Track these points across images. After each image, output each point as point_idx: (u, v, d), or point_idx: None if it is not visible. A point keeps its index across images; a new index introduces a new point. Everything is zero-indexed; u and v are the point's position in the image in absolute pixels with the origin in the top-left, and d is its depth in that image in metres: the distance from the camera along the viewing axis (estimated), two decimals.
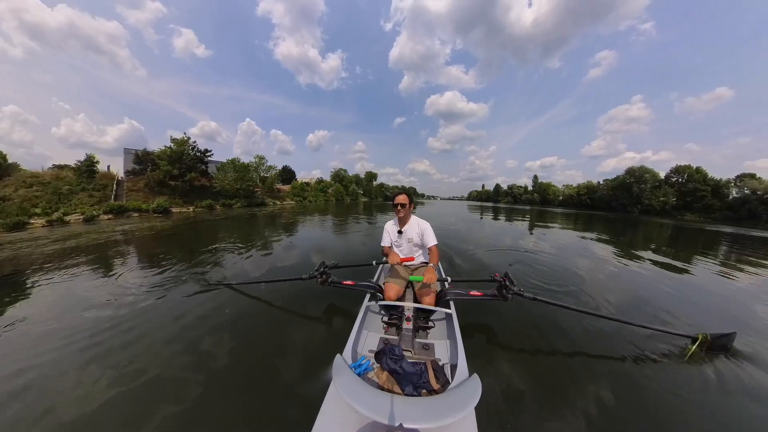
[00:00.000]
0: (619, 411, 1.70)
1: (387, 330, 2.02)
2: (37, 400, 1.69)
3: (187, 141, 21.90)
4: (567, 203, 52.46)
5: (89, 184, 16.85)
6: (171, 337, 2.38)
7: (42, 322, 2.69)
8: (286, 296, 3.21)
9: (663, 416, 1.69)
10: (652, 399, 1.83)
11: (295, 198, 34.22)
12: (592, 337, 2.53)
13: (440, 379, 1.47)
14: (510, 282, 2.22)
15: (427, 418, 1.00)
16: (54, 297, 3.37)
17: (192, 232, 9.25)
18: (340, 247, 6.76)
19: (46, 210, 12.85)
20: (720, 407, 1.78)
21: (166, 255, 5.49)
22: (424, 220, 2.66)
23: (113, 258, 5.31)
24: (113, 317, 2.75)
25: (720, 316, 3.27)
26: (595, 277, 4.55)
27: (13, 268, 4.56)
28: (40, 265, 4.69)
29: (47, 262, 4.95)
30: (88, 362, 2.04)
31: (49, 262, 4.94)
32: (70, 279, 4.00)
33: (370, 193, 62.38)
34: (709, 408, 1.78)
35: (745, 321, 3.11)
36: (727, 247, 9.21)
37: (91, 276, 4.15)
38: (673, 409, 1.74)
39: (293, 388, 1.78)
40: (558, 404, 1.73)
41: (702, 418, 1.70)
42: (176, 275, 4.12)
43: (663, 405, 1.78)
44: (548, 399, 1.77)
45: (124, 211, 15.20)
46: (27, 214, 11.93)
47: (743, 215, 29.64)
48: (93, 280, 3.94)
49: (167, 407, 1.64)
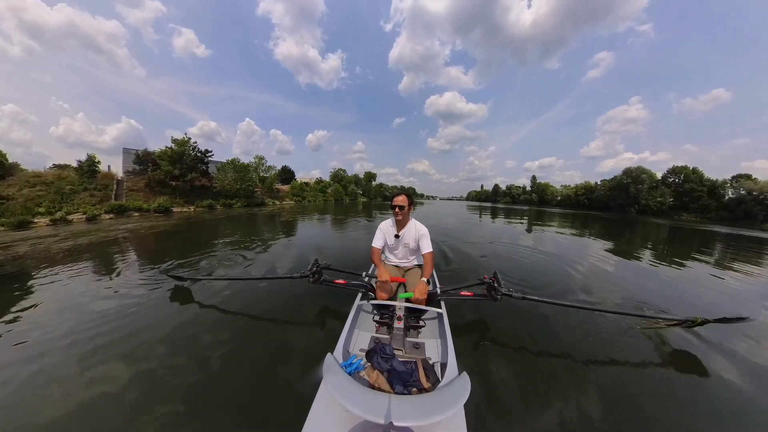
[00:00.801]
0: (605, 406, 1.72)
1: (378, 329, 2.02)
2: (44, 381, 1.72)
3: (187, 141, 21.89)
4: (565, 203, 52.50)
5: (91, 183, 16.86)
6: (163, 335, 2.39)
7: (54, 310, 2.86)
8: (278, 295, 3.21)
9: (649, 407, 1.72)
10: (638, 392, 1.87)
11: (295, 198, 34.18)
12: (580, 332, 2.58)
13: (430, 377, 1.48)
14: (498, 283, 2.24)
15: (417, 416, 1.01)
16: (64, 289, 3.54)
17: (193, 231, 9.27)
18: (335, 246, 6.77)
19: (49, 209, 12.94)
20: (708, 399, 1.80)
21: (166, 252, 5.61)
22: (422, 225, 2.51)
23: (118, 254, 5.39)
24: (114, 310, 2.82)
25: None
26: (585, 274, 4.67)
27: (37, 262, 4.83)
28: (58, 260, 4.92)
29: (65, 256, 5.27)
30: (85, 354, 2.08)
31: (66, 256, 5.25)
32: (79, 274, 4.14)
33: (369, 193, 62.34)
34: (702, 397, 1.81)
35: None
36: (719, 247, 9.25)
37: (97, 271, 4.31)
38: (659, 401, 1.77)
39: (283, 387, 1.78)
40: (545, 401, 1.75)
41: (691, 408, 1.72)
42: (174, 270, 4.13)
43: (650, 394, 1.82)
44: (536, 396, 1.79)
45: (125, 210, 15.23)
46: (31, 213, 12.02)
47: (739, 215, 29.71)
48: (97, 275, 4.06)
49: (157, 407, 1.63)
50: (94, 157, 17.94)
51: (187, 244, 7.11)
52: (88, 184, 16.67)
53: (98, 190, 16.75)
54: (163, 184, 20.27)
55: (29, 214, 11.81)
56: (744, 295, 4.03)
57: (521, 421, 1.60)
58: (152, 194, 19.17)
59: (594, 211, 37.11)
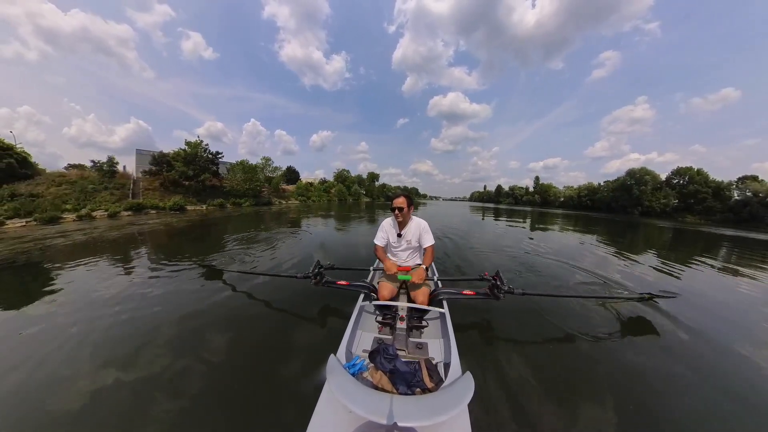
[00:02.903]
0: (616, 403, 1.68)
1: (381, 330, 1.98)
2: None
3: (200, 144, 22.48)
4: (567, 205, 51.68)
5: (110, 183, 17.42)
6: (169, 332, 2.39)
7: (87, 290, 3.34)
8: (281, 295, 3.17)
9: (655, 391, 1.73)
10: (639, 380, 1.89)
11: (299, 198, 34.55)
12: (584, 326, 2.58)
13: (434, 377, 1.45)
14: (500, 281, 2.19)
15: (421, 417, 0.99)
16: (98, 274, 4.01)
17: (206, 227, 9.52)
18: (337, 246, 6.75)
19: (75, 206, 13.68)
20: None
21: (184, 246, 6.19)
22: (423, 220, 2.52)
23: (135, 247, 5.68)
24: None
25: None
26: (578, 268, 4.89)
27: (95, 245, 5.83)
28: (107, 246, 5.73)
29: (112, 243, 6.32)
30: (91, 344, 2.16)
31: (112, 244, 6.25)
32: (117, 262, 4.72)
33: (372, 193, 62.52)
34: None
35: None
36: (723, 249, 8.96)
37: (120, 261, 4.74)
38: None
39: (287, 388, 1.75)
40: (551, 399, 1.71)
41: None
42: (188, 263, 4.54)
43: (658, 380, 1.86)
44: (541, 394, 1.74)
45: (143, 208, 15.71)
46: (59, 210, 12.69)
47: (744, 217, 28.80)
48: (115, 266, 4.41)
49: (161, 404, 1.61)
50: (114, 159, 18.68)
51: (200, 238, 7.46)
52: (108, 184, 17.22)
53: (116, 189, 17.27)
54: (176, 184, 20.78)
55: (58, 210, 12.48)
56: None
57: (527, 421, 1.55)
58: (167, 193, 19.64)
59: (596, 213, 36.41)
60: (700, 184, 34.36)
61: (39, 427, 1.48)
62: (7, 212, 11.19)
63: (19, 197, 13.09)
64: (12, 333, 2.34)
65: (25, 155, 15.38)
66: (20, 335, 2.30)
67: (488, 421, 1.54)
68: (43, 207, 12.64)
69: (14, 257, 4.96)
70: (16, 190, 13.51)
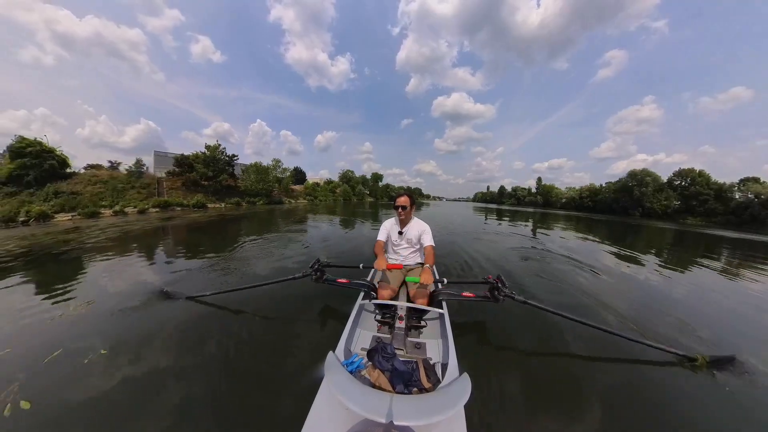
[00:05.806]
0: (604, 417, 1.59)
1: (380, 328, 1.94)
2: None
3: (218, 147, 23.36)
4: (569, 206, 50.36)
5: (137, 182, 18.18)
6: (172, 331, 2.31)
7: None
8: (280, 293, 3.04)
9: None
10: (640, 410, 1.68)
11: (307, 197, 35.01)
12: (582, 344, 2.31)
13: (431, 377, 1.41)
14: (502, 284, 2.11)
15: (417, 416, 0.96)
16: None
17: (223, 224, 9.67)
18: (341, 243, 6.66)
19: (111, 203, 14.70)
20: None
21: (205, 245, 6.19)
22: (424, 222, 2.49)
23: (154, 243, 5.85)
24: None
25: (723, 332, 2.77)
26: (590, 285, 4.03)
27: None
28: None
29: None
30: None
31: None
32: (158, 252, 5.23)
33: (375, 193, 62.37)
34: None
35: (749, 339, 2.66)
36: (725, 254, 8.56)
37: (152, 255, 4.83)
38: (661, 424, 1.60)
39: (285, 384, 1.70)
40: (544, 405, 1.65)
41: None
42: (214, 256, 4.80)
43: (653, 418, 1.63)
44: (535, 399, 1.68)
45: (168, 205, 16.43)
46: (97, 206, 13.80)
47: (745, 219, 27.53)
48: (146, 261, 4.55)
49: (161, 399, 1.58)
50: (140, 161, 19.85)
51: (221, 237, 7.53)
52: (135, 183, 17.95)
53: (143, 188, 17.99)
54: (196, 184, 21.57)
55: (97, 207, 13.57)
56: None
57: (520, 424, 1.51)
58: (188, 192, 20.36)
59: (597, 214, 35.29)
60: (701, 185, 32.98)
61: (37, 425, 1.42)
62: (53, 207, 12.31)
63: (62, 194, 14.11)
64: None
65: (64, 157, 16.19)
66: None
67: (484, 422, 1.49)
68: (84, 203, 13.63)
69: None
70: (58, 188, 14.46)
